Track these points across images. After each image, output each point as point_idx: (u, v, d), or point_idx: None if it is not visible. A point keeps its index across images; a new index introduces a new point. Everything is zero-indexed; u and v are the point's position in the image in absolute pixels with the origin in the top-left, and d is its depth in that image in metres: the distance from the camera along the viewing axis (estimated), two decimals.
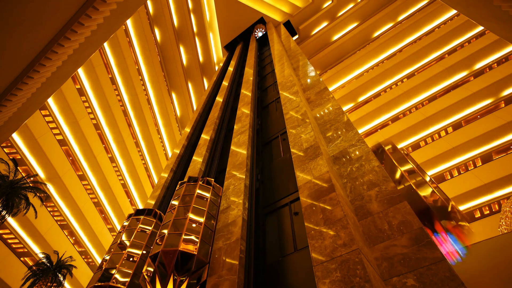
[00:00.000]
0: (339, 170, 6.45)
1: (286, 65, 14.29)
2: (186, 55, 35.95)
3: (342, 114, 8.40)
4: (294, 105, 9.46)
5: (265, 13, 32.43)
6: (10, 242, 25.03)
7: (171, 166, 13.68)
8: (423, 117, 23.93)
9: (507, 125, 19.87)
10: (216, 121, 14.63)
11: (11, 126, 11.61)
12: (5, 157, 20.97)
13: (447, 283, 3.45)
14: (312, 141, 6.98)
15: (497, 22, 8.17)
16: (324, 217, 4.78)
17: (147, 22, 32.67)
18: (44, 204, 22.22)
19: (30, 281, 21.25)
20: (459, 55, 24.60)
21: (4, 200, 18.19)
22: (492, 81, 21.88)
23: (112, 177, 33.17)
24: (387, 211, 4.80)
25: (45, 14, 8.20)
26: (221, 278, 5.28)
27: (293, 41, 22.06)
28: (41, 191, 20.42)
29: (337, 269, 3.86)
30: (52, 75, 10.42)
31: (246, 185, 7.69)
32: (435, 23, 28.20)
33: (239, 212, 6.71)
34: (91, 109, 29.78)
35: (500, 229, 14.09)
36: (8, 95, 9.66)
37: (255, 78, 17.38)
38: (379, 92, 29.24)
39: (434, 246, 3.92)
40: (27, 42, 8.66)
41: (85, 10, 8.88)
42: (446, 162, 21.72)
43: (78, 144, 28.66)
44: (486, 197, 19.05)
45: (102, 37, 11.29)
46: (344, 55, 34.15)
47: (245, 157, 8.74)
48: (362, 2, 31.83)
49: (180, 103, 40.63)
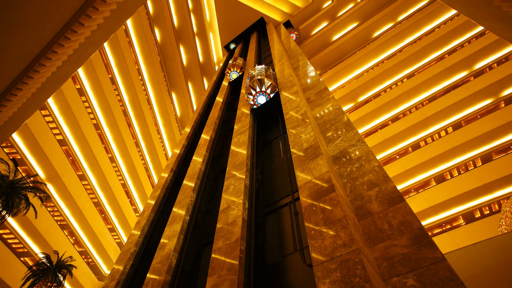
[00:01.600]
0: (339, 170, 6.45)
1: (286, 65, 14.29)
2: (186, 55, 35.95)
3: (342, 114, 8.40)
4: (294, 105, 9.46)
5: (265, 13, 32.44)
6: (10, 242, 25.03)
7: (171, 166, 13.69)
8: (423, 117, 23.93)
9: (507, 125, 19.86)
10: (216, 121, 14.62)
11: (11, 126, 11.61)
12: (5, 157, 20.98)
13: (447, 283, 3.45)
14: (312, 141, 6.98)
15: (497, 22, 8.17)
16: (324, 217, 4.78)
17: (147, 22, 32.66)
18: (44, 204, 22.23)
19: (30, 281, 21.28)
20: (459, 55, 24.60)
21: (4, 200, 18.21)
22: (492, 81, 21.88)
23: (112, 177, 33.17)
24: (387, 211, 4.80)
25: (45, 14, 8.20)
26: (221, 278, 5.28)
27: (293, 41, 22.06)
28: (41, 191, 20.43)
29: (337, 269, 3.86)
30: (52, 75, 10.43)
31: (246, 185, 7.69)
32: (435, 23, 28.20)
33: (239, 212, 6.71)
34: (91, 109, 29.78)
35: (500, 229, 14.10)
36: (8, 95, 9.66)
37: None
38: (379, 92, 29.24)
39: (434, 246, 3.92)
40: (27, 42, 8.66)
41: (85, 10, 8.88)
42: (446, 162, 21.72)
43: (78, 144, 28.66)
44: (486, 197, 19.04)
45: (102, 37, 11.29)
46: (344, 55, 34.14)
47: (245, 157, 8.74)
48: (362, 2, 31.82)
49: (180, 103, 40.63)
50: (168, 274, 6.81)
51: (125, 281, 8.48)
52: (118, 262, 9.31)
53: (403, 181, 22.96)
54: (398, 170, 22.88)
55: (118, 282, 8.38)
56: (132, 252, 9.37)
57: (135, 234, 10.27)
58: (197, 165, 11.07)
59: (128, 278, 8.56)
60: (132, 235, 10.43)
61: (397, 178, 22.80)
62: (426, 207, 20.31)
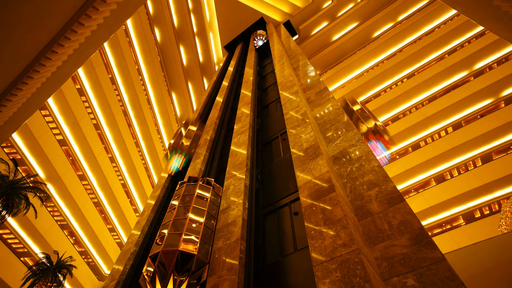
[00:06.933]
0: (339, 170, 6.45)
1: (286, 65, 14.29)
2: (186, 55, 35.94)
3: (342, 114, 8.40)
4: (294, 105, 9.46)
5: (265, 13, 32.42)
6: (10, 242, 25.02)
7: None
8: (423, 117, 23.92)
9: (507, 125, 19.86)
10: (216, 121, 14.62)
11: (11, 126, 11.61)
12: (5, 157, 20.97)
13: (447, 283, 3.45)
14: (312, 141, 6.98)
15: (497, 22, 8.17)
16: (324, 217, 4.78)
17: (147, 22, 32.66)
18: (44, 204, 22.22)
19: (30, 281, 21.26)
20: (459, 55, 24.60)
21: (4, 200, 18.19)
22: (492, 81, 21.88)
23: (112, 177, 33.16)
24: (387, 211, 4.80)
25: (45, 14, 8.20)
26: (221, 278, 5.28)
27: (293, 41, 22.06)
28: (41, 191, 20.41)
29: (337, 269, 3.86)
30: (52, 75, 10.42)
31: (246, 185, 7.69)
32: (435, 23, 28.19)
33: (239, 212, 6.70)
34: (91, 109, 29.76)
35: (500, 229, 14.11)
36: (8, 95, 9.66)
37: (255, 78, 17.39)
38: (379, 92, 29.24)
39: (434, 246, 3.92)
40: (27, 42, 8.66)
41: (85, 10, 8.88)
42: (446, 162, 21.72)
43: (78, 144, 28.65)
44: (486, 197, 19.04)
45: (102, 37, 11.28)
46: (344, 55, 34.15)
47: (245, 157, 8.74)
48: (362, 2, 31.81)
49: (180, 103, 40.62)
50: None
51: (125, 281, 8.47)
52: (118, 262, 9.30)
53: (403, 181, 22.97)
54: (398, 170, 22.88)
55: (118, 282, 8.38)
56: (132, 252, 9.37)
57: (135, 234, 10.27)
58: (197, 165, 11.07)
59: (128, 278, 8.55)
60: (132, 235, 10.43)
61: (397, 178, 22.80)
62: (426, 207, 20.31)
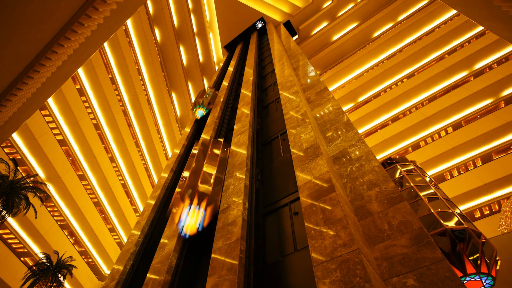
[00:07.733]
0: (339, 170, 6.45)
1: (286, 65, 14.29)
2: (186, 55, 35.95)
3: (342, 114, 8.40)
4: (294, 105, 9.46)
5: (265, 13, 32.44)
6: (10, 242, 25.03)
7: (171, 166, 13.68)
8: (423, 117, 23.94)
9: (507, 125, 19.87)
10: (216, 121, 14.62)
11: (11, 126, 11.61)
12: (5, 157, 20.97)
13: (447, 283, 3.45)
14: (312, 141, 6.98)
15: (497, 22, 8.17)
16: (324, 217, 4.78)
17: (147, 22, 32.66)
18: (44, 204, 22.23)
19: (30, 281, 21.27)
20: (459, 55, 24.61)
21: (4, 200, 18.19)
22: (492, 81, 21.89)
23: (112, 177, 33.16)
24: (387, 211, 4.80)
25: (45, 14, 8.20)
26: (221, 278, 5.28)
27: (293, 41, 22.06)
28: (41, 191, 20.41)
29: (337, 269, 3.86)
30: (52, 75, 10.42)
31: (246, 185, 7.69)
32: (435, 23, 28.20)
33: (239, 212, 6.71)
34: (91, 109, 29.77)
35: (500, 229, 14.11)
36: (8, 95, 9.66)
37: (255, 78, 17.38)
38: (379, 92, 29.25)
39: (434, 246, 3.92)
40: (27, 42, 8.66)
41: (85, 10, 8.88)
42: (446, 162, 21.73)
43: (78, 144, 28.66)
44: (486, 197, 19.05)
45: (102, 37, 11.29)
46: (344, 55, 34.16)
47: (245, 157, 8.74)
48: (362, 2, 31.82)
49: (180, 103, 40.63)
50: (168, 274, 6.81)
51: (125, 281, 8.48)
52: (118, 262, 9.31)
53: None
54: None
55: (118, 282, 8.38)
56: (132, 252, 9.37)
57: (135, 234, 10.27)
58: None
59: (128, 278, 8.56)
60: (132, 235, 10.43)
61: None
62: None
